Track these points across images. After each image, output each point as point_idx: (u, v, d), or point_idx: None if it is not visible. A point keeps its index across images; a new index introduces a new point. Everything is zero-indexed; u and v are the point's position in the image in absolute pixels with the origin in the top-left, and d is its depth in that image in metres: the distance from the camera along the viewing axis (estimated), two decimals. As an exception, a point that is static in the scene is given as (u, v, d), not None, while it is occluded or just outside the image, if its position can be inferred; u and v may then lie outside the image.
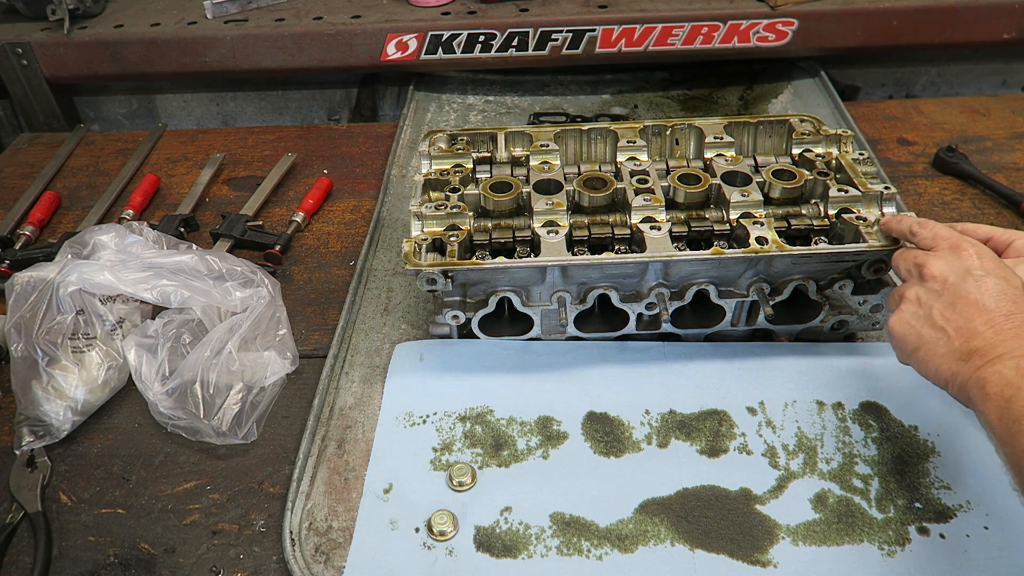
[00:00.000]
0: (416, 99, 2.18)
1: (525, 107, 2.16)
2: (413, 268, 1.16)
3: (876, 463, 1.13)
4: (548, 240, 1.20)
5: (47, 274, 1.25)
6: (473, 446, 1.18)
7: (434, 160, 1.38)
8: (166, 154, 1.97)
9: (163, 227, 1.60)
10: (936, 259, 1.00)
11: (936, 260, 1.00)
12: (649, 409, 1.22)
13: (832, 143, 1.39)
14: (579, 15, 2.03)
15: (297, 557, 1.03)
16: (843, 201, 1.26)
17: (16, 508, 1.12)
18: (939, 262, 1.00)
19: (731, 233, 1.24)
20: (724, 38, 2.02)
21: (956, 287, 0.96)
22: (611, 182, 1.29)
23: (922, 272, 1.01)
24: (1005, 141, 1.87)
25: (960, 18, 2.04)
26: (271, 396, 1.26)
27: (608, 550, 1.03)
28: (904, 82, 2.39)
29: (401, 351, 1.34)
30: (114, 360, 1.27)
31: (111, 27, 2.07)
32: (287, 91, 2.36)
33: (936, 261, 1.00)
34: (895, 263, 1.09)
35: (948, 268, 0.98)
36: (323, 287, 1.52)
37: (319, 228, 1.69)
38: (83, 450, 1.21)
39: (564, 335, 1.32)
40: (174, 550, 1.07)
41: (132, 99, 2.35)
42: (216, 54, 2.05)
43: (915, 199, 1.69)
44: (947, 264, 0.99)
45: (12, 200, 1.77)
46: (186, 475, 1.17)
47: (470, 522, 1.07)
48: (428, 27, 2.02)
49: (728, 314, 1.27)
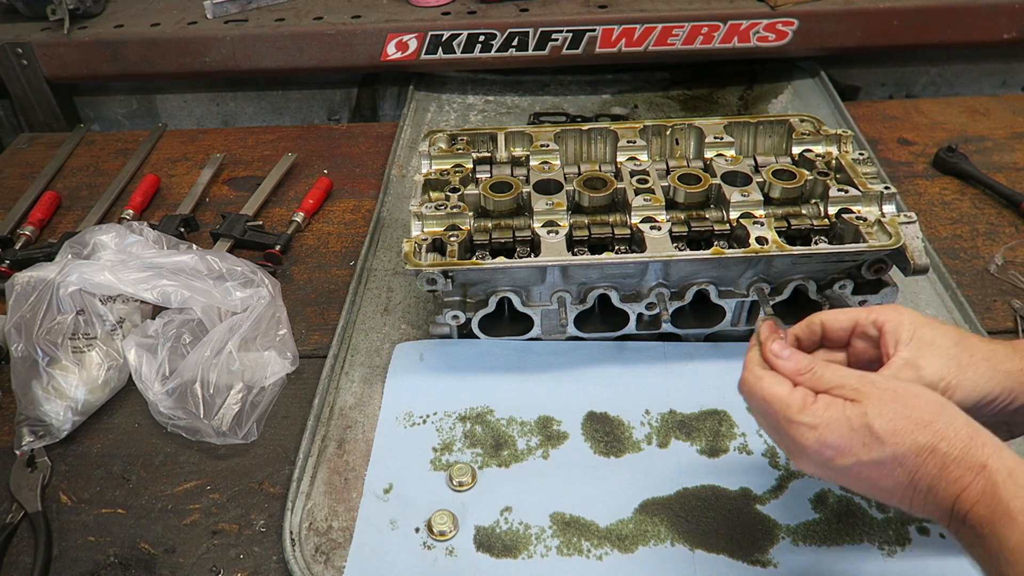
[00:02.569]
0: (416, 99, 2.18)
1: (525, 107, 2.16)
2: (413, 268, 1.16)
3: (876, 463, 1.13)
4: (548, 240, 1.20)
5: (47, 274, 1.25)
6: (473, 446, 1.18)
7: (434, 160, 1.38)
8: (166, 154, 1.97)
9: (163, 227, 1.60)
10: (798, 457, 0.81)
11: (799, 459, 0.81)
12: (649, 409, 1.22)
13: (832, 143, 1.39)
14: (579, 15, 2.03)
15: (297, 557, 1.03)
16: (843, 201, 1.26)
17: (16, 508, 1.12)
18: (803, 462, 0.81)
19: (731, 233, 1.24)
20: (724, 38, 2.02)
21: (838, 479, 0.79)
22: (611, 182, 1.29)
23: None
24: (1005, 141, 1.87)
25: (960, 18, 2.04)
26: (271, 396, 1.26)
27: (608, 550, 1.03)
28: (904, 82, 2.39)
29: (401, 351, 1.34)
30: (114, 360, 1.27)
31: (111, 27, 2.07)
32: (287, 91, 2.36)
33: (799, 461, 0.81)
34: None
35: (812, 470, 0.80)
36: (323, 287, 1.52)
37: (319, 228, 1.69)
38: (83, 450, 1.21)
39: (564, 335, 1.32)
40: (174, 550, 1.07)
41: (132, 99, 2.35)
42: (216, 54, 2.05)
43: (915, 199, 1.69)
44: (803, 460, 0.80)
45: (12, 200, 1.77)
46: (186, 475, 1.17)
47: (470, 522, 1.07)
48: (428, 27, 2.02)
49: (728, 314, 1.27)
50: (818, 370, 0.81)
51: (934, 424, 0.73)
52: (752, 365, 0.85)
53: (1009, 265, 1.49)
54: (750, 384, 0.83)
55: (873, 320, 0.88)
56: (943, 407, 0.75)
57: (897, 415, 0.74)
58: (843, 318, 0.90)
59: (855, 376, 0.79)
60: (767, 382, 0.82)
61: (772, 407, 0.80)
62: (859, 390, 0.77)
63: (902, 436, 0.73)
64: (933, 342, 0.84)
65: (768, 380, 0.82)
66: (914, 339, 0.84)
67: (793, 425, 0.78)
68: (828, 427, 0.76)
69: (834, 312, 0.91)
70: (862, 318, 0.89)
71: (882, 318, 0.87)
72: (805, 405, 0.78)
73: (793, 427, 0.78)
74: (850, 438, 0.75)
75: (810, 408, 0.77)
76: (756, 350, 0.87)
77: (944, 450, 0.72)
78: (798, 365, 0.82)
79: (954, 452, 0.72)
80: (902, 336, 0.85)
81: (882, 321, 0.87)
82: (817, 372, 0.81)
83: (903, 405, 0.75)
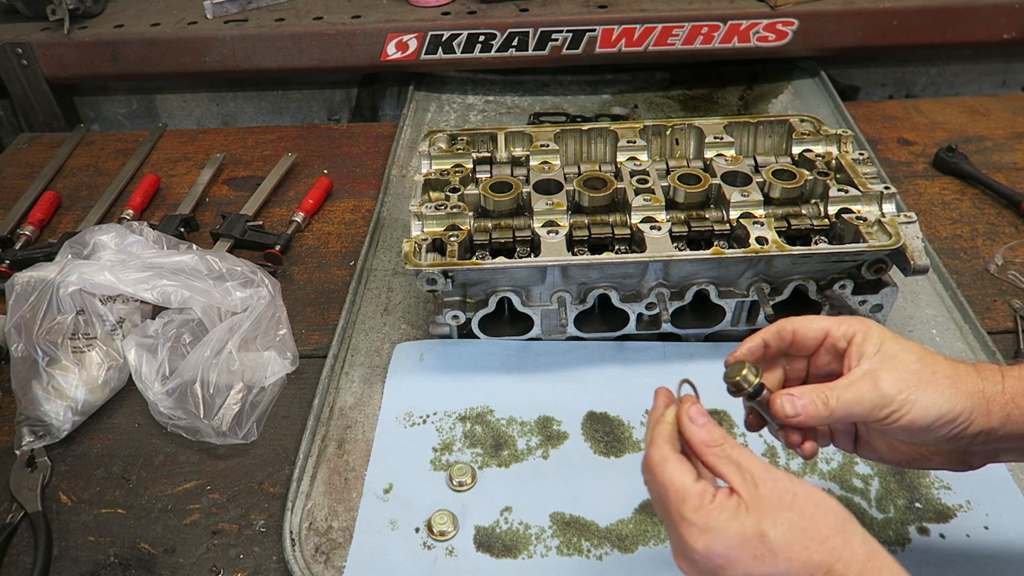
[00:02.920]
0: (416, 99, 2.18)
1: (525, 107, 2.16)
2: (413, 268, 1.16)
3: (876, 463, 1.13)
4: (548, 240, 1.20)
5: (47, 274, 1.25)
6: (473, 446, 1.18)
7: (434, 160, 1.38)
8: (166, 154, 1.97)
9: (163, 227, 1.60)
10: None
11: (682, 559, 0.76)
12: (649, 409, 1.22)
13: (832, 143, 1.39)
14: (579, 15, 2.03)
15: (297, 557, 1.03)
16: (843, 201, 1.26)
17: (16, 508, 1.12)
18: (685, 564, 0.76)
19: (731, 233, 1.24)
20: (724, 38, 2.02)
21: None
22: (611, 182, 1.29)
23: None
24: (1005, 141, 1.87)
25: (960, 18, 2.04)
26: (271, 396, 1.26)
27: (608, 550, 1.03)
28: (904, 82, 2.39)
29: (401, 351, 1.34)
30: (114, 360, 1.27)
31: (111, 27, 2.07)
32: (287, 91, 2.36)
33: (681, 561, 0.76)
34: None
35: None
36: (323, 287, 1.52)
37: (319, 228, 1.69)
38: (83, 450, 1.21)
39: (564, 335, 1.32)
40: (174, 550, 1.07)
41: (132, 99, 2.35)
42: (216, 54, 2.05)
43: (915, 199, 1.69)
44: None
45: (12, 200, 1.77)
46: (186, 475, 1.17)
47: (470, 522, 1.07)
48: (428, 27, 2.02)
49: (728, 314, 1.27)
50: (727, 447, 0.76)
51: (831, 540, 0.69)
52: (660, 441, 0.79)
53: (1009, 265, 1.49)
54: (653, 463, 0.77)
55: (843, 332, 0.85)
56: (842, 522, 0.72)
57: (793, 526, 0.70)
58: (815, 327, 0.86)
59: (760, 467, 0.74)
60: (671, 466, 0.76)
61: (668, 496, 0.74)
62: (758, 490, 0.72)
63: (796, 551, 0.69)
64: (896, 356, 0.82)
65: (673, 464, 0.76)
66: (879, 353, 0.82)
67: (684, 523, 0.72)
68: (719, 534, 0.71)
69: (806, 321, 0.87)
70: (833, 329, 0.86)
71: (851, 330, 0.85)
72: (701, 504, 0.72)
73: (684, 525, 0.72)
74: (740, 548, 0.70)
75: (705, 508, 0.72)
76: (666, 425, 0.80)
77: (840, 572, 0.68)
78: (710, 436, 0.77)
79: (850, 574, 0.68)
80: (867, 350, 0.83)
81: (851, 333, 0.84)
82: (725, 449, 0.76)
83: (800, 514, 0.71)
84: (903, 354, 0.82)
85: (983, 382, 0.81)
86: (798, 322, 0.88)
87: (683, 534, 0.73)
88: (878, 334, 0.84)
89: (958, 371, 0.82)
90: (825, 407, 0.81)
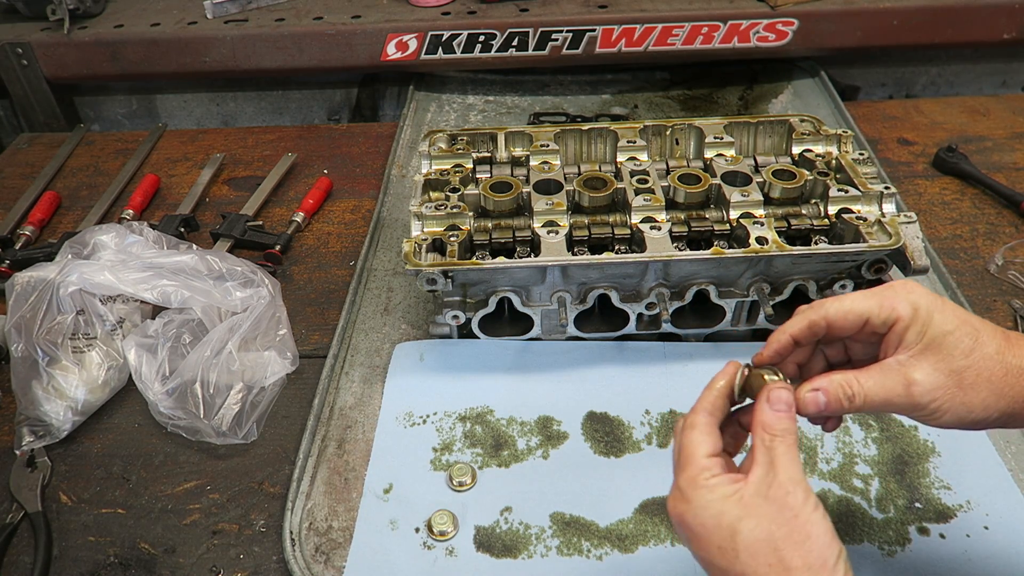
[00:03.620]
0: (416, 99, 2.18)
1: (525, 107, 2.16)
2: (413, 268, 1.16)
3: (876, 463, 1.13)
4: (548, 240, 1.20)
5: (47, 274, 1.25)
6: (473, 446, 1.18)
7: (434, 160, 1.38)
8: (166, 154, 1.97)
9: (163, 227, 1.60)
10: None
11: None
12: (649, 409, 1.22)
13: (832, 143, 1.39)
14: (579, 15, 2.03)
15: (297, 557, 1.03)
16: (843, 201, 1.26)
17: (16, 508, 1.12)
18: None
19: (731, 233, 1.24)
20: (724, 38, 2.02)
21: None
22: (611, 182, 1.29)
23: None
24: (1005, 141, 1.87)
25: (960, 18, 2.04)
26: (271, 396, 1.26)
27: (608, 550, 1.03)
28: (904, 82, 2.39)
29: (401, 351, 1.34)
30: (114, 360, 1.27)
31: (111, 27, 2.07)
32: (287, 91, 2.36)
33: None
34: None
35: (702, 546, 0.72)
36: (323, 287, 1.52)
37: (319, 228, 1.69)
38: (83, 450, 1.21)
39: (564, 335, 1.32)
40: (174, 550, 1.07)
41: (132, 99, 2.35)
42: (216, 54, 2.05)
43: (915, 199, 1.69)
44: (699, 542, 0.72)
45: (12, 200, 1.76)
46: (186, 475, 1.17)
47: (470, 522, 1.07)
48: (428, 27, 2.02)
49: (728, 314, 1.27)
50: (778, 440, 0.73)
51: (795, 573, 0.66)
52: (699, 406, 0.79)
53: (1009, 265, 1.49)
54: (681, 425, 0.78)
55: (884, 319, 0.76)
56: (820, 567, 0.67)
57: (769, 539, 0.68)
58: (852, 318, 0.78)
59: (789, 473, 0.71)
60: (693, 434, 0.76)
61: (677, 457, 0.76)
62: (768, 490, 0.70)
63: (757, 563, 0.67)
64: (941, 345, 0.74)
65: (696, 432, 0.76)
66: (921, 342, 0.75)
67: (675, 486, 0.74)
68: (697, 509, 0.71)
69: (842, 307, 0.78)
70: (874, 314, 0.77)
71: (894, 315, 0.76)
72: (697, 476, 0.72)
73: (674, 487, 0.74)
74: (710, 532, 0.70)
75: (697, 481, 0.72)
76: (712, 392, 0.80)
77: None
78: (773, 421, 0.74)
79: None
80: (908, 337, 0.75)
81: (893, 319, 0.76)
82: (775, 440, 0.73)
83: (785, 534, 0.68)
84: (949, 344, 0.74)
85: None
86: (832, 309, 0.78)
87: (670, 495, 0.75)
88: (925, 316, 0.75)
89: (1008, 371, 0.74)
90: (849, 403, 0.76)
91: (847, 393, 0.76)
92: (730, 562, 0.68)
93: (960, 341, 0.75)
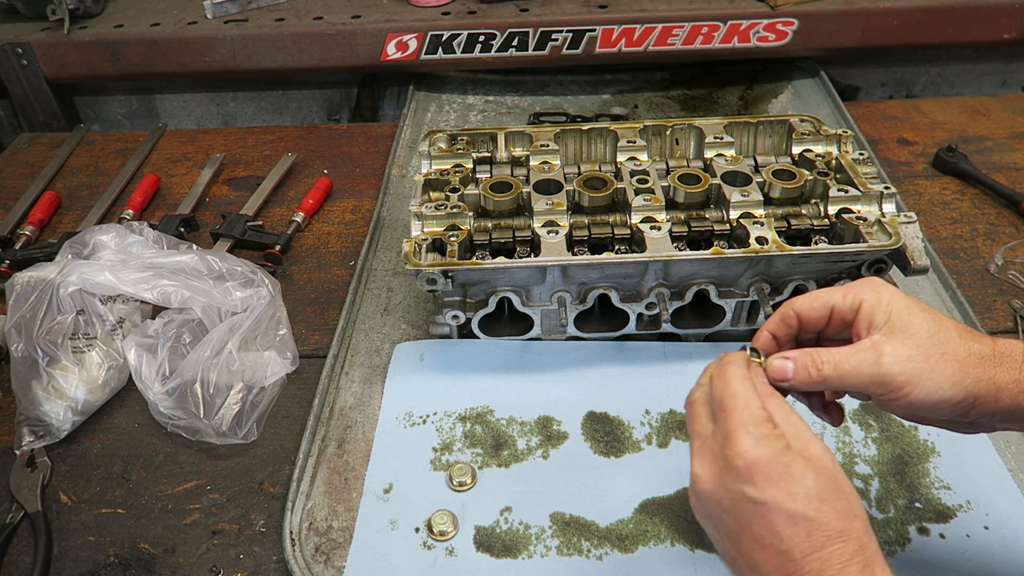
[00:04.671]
0: (416, 99, 2.18)
1: (525, 107, 2.16)
2: (413, 268, 1.16)
3: (876, 463, 1.13)
4: (548, 240, 1.20)
5: (47, 274, 1.25)
6: (473, 446, 1.18)
7: (434, 160, 1.38)
8: (166, 154, 1.97)
9: (163, 227, 1.60)
10: (699, 461, 0.74)
11: (699, 463, 0.74)
12: (649, 409, 1.22)
13: (832, 143, 1.39)
14: (579, 15, 2.03)
15: (297, 557, 1.03)
16: (843, 201, 1.26)
17: (16, 508, 1.12)
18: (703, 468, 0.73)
19: (731, 233, 1.24)
20: (724, 38, 2.02)
21: (732, 513, 0.70)
22: (611, 182, 1.29)
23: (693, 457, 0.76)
24: (1005, 141, 1.87)
25: (960, 18, 2.04)
26: (271, 396, 1.26)
27: (608, 550, 1.03)
28: (904, 82, 2.39)
29: (401, 351, 1.34)
30: (114, 360, 1.27)
31: (111, 27, 2.07)
32: (287, 91, 2.36)
33: (700, 465, 0.74)
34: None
35: (712, 487, 0.72)
36: (323, 287, 1.52)
37: (319, 228, 1.69)
38: (83, 450, 1.21)
39: (564, 335, 1.32)
40: (174, 550, 1.07)
41: (132, 99, 2.35)
42: (216, 54, 2.05)
43: (915, 199, 1.69)
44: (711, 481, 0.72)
45: (12, 200, 1.77)
46: (186, 475, 1.17)
47: (470, 522, 1.07)
48: (428, 27, 2.02)
49: (728, 314, 1.27)
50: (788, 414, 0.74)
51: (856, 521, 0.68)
52: (736, 357, 0.79)
53: (1009, 265, 1.49)
54: (726, 368, 0.76)
55: (849, 303, 0.81)
56: (850, 518, 0.68)
57: (823, 490, 0.68)
58: (818, 305, 0.82)
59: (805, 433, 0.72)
60: (745, 382, 0.75)
61: (734, 402, 0.73)
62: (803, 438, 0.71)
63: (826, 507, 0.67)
64: (907, 326, 0.78)
65: (746, 380, 0.75)
66: (888, 322, 0.78)
67: (743, 430, 0.70)
68: (768, 455, 0.69)
69: (808, 300, 0.83)
70: (838, 302, 0.81)
71: (857, 299, 0.80)
72: (761, 423, 0.71)
73: (741, 432, 0.70)
74: (779, 480, 0.68)
75: (764, 428, 0.70)
76: (738, 356, 0.81)
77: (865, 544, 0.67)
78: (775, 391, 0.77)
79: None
80: (876, 318, 0.79)
81: (857, 303, 0.80)
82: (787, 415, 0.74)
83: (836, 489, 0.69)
84: (915, 323, 0.78)
85: (996, 369, 0.77)
86: (800, 304, 0.84)
87: (736, 439, 0.70)
88: (888, 299, 0.80)
89: (971, 353, 0.78)
90: (818, 373, 0.78)
91: (815, 361, 0.78)
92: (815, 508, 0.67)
93: (925, 322, 0.78)
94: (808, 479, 0.68)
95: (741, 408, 0.72)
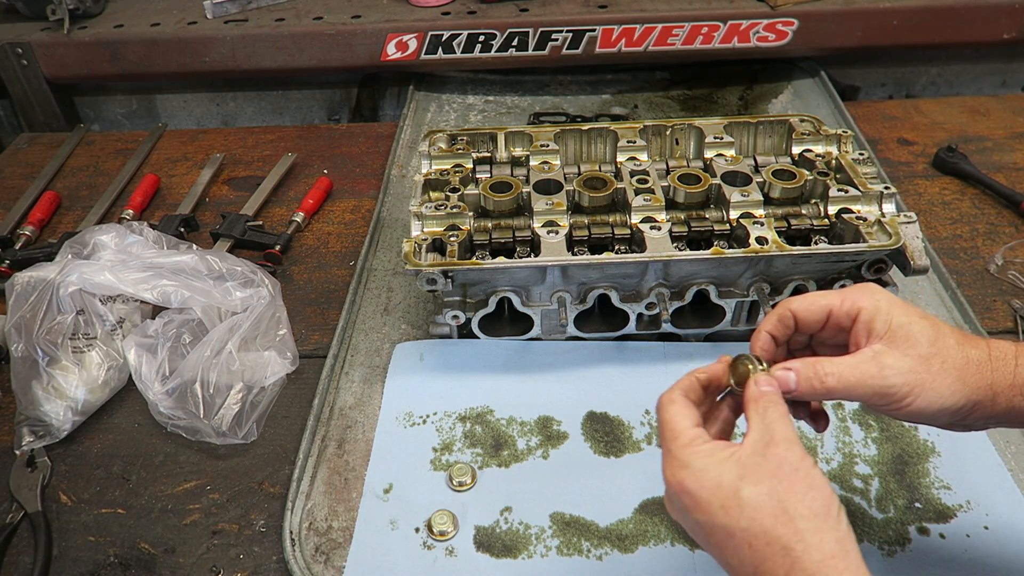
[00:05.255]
0: (416, 99, 2.18)
1: (525, 107, 2.16)
2: (413, 268, 1.16)
3: (876, 463, 1.13)
4: (548, 240, 1.20)
5: (47, 274, 1.25)
6: (473, 446, 1.18)
7: (434, 160, 1.38)
8: (166, 154, 1.97)
9: (163, 227, 1.60)
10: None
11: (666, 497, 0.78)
12: (649, 409, 1.22)
13: (832, 143, 1.39)
14: (579, 15, 2.03)
15: (297, 557, 1.03)
16: (843, 201, 1.26)
17: (16, 508, 1.12)
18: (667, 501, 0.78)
19: (731, 233, 1.24)
20: (724, 38, 2.02)
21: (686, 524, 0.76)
22: (611, 182, 1.29)
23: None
24: (1005, 141, 1.87)
25: (960, 18, 2.04)
26: (271, 396, 1.26)
27: (608, 550, 1.03)
28: (904, 82, 2.39)
29: (401, 351, 1.34)
30: (114, 360, 1.27)
31: (111, 27, 2.07)
32: (287, 91, 2.36)
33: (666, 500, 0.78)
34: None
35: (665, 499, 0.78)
36: (323, 287, 1.52)
37: (319, 228, 1.69)
38: (83, 450, 1.21)
39: (564, 335, 1.32)
40: (174, 550, 1.07)
41: (132, 99, 2.35)
42: (216, 54, 2.05)
43: (915, 199, 1.69)
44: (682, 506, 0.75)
45: (12, 200, 1.77)
46: (186, 475, 1.17)
47: (470, 522, 1.07)
48: (428, 27, 2.02)
49: (728, 314, 1.27)
50: (769, 404, 0.76)
51: (801, 522, 0.67)
52: (675, 387, 0.81)
53: (1009, 265, 1.49)
54: (661, 402, 0.80)
55: (847, 310, 0.81)
56: (826, 513, 0.69)
57: (772, 493, 0.69)
58: (815, 308, 0.82)
59: (784, 432, 0.73)
60: (674, 407, 0.78)
61: (663, 432, 0.77)
62: (767, 449, 0.71)
63: (762, 516, 0.68)
64: (907, 336, 0.78)
65: (677, 406, 0.78)
66: (888, 332, 0.78)
67: (669, 456, 0.75)
68: (696, 472, 0.72)
69: (806, 300, 0.83)
70: (836, 306, 0.82)
71: (857, 305, 0.80)
72: (690, 443, 0.74)
73: (668, 458, 0.75)
74: (712, 493, 0.70)
75: (692, 448, 0.73)
76: (688, 376, 0.83)
77: (797, 554, 0.66)
78: (761, 393, 0.77)
79: (807, 562, 0.66)
80: (876, 327, 0.79)
81: (855, 311, 0.80)
82: (766, 404, 0.76)
83: (786, 487, 0.69)
84: (916, 333, 0.78)
85: (993, 374, 0.79)
86: (797, 305, 0.84)
87: (664, 467, 0.75)
88: (887, 308, 0.80)
89: (969, 360, 0.79)
90: (821, 385, 0.78)
91: (817, 373, 0.78)
92: (734, 519, 0.69)
93: (924, 331, 0.79)
94: (734, 494, 0.70)
95: (669, 437, 0.76)
